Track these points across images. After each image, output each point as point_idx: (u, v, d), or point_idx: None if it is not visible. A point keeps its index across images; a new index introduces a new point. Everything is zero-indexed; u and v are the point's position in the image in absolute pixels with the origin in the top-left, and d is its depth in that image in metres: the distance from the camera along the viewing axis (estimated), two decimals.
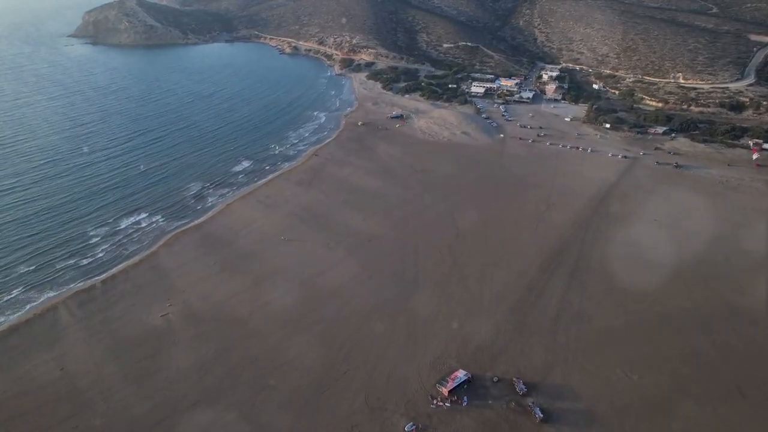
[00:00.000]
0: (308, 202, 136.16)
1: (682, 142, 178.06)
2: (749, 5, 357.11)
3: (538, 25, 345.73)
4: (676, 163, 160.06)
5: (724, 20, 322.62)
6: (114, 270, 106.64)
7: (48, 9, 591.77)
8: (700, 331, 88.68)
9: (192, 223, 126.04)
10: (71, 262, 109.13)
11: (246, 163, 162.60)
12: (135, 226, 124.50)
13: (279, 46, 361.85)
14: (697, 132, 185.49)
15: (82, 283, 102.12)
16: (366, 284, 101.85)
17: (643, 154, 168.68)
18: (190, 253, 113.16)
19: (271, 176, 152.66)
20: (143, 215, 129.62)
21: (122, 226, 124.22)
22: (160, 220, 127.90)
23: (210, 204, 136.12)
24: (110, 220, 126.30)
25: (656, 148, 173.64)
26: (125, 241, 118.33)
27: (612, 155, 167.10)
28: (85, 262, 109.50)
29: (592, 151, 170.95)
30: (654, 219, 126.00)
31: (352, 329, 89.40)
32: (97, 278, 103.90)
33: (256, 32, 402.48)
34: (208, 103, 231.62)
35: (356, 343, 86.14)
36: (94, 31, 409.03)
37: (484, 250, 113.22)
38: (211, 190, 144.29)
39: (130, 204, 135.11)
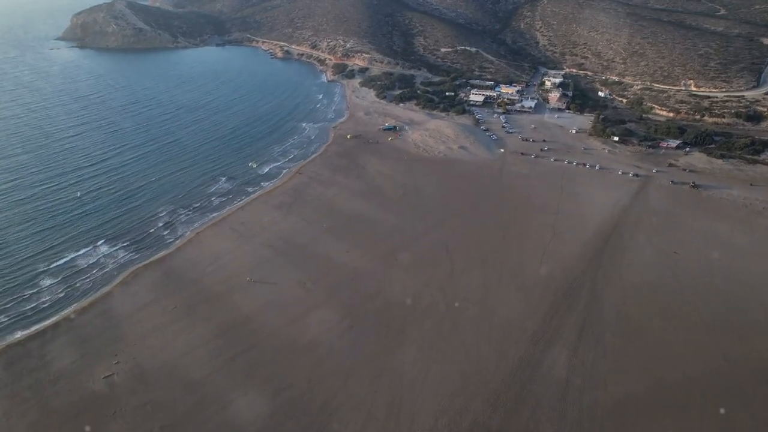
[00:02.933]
0: (287, 229, 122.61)
1: (697, 158, 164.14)
2: (758, 7, 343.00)
3: (540, 28, 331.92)
4: (693, 182, 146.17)
5: (734, 23, 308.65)
6: (58, 316, 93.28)
7: (41, 11, 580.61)
8: (738, 401, 74.93)
9: (156, 256, 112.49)
10: (12, 307, 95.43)
11: (224, 184, 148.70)
12: (93, 261, 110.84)
13: (271, 50, 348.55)
14: (713, 146, 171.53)
15: (19, 335, 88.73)
16: (345, 336, 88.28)
17: (656, 171, 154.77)
18: (148, 295, 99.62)
19: (248, 198, 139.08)
20: (105, 247, 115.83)
21: (79, 261, 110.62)
22: (122, 252, 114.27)
23: (179, 233, 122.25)
24: (68, 255, 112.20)
25: (670, 165, 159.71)
26: (79, 279, 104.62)
27: (622, 173, 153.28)
28: (28, 307, 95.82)
29: (600, 168, 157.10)
30: (674, 251, 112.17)
31: (325, 397, 75.83)
32: (37, 327, 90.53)
33: (248, 35, 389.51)
34: (194, 116, 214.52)
35: (329, 417, 72.61)
36: (82, 33, 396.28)
37: (482, 291, 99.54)
38: (183, 216, 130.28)
39: (94, 234, 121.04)
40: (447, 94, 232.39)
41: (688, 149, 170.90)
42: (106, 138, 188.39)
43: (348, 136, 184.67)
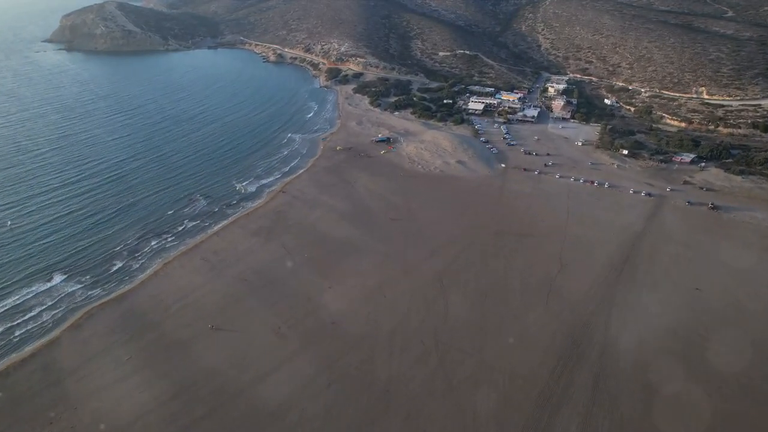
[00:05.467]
0: (264, 260, 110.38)
1: (714, 174, 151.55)
2: (767, 8, 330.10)
3: (542, 30, 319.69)
4: (712, 203, 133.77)
5: (744, 25, 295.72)
6: None
7: (33, 13, 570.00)
8: None
9: (115, 293, 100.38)
10: None
11: (204, 207, 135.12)
12: (46, 301, 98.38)
13: (264, 54, 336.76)
14: (730, 160, 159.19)
15: None
16: (321, 397, 76.16)
17: (671, 190, 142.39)
18: (100, 342, 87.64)
19: (225, 222, 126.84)
20: (62, 284, 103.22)
21: (30, 302, 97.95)
22: (79, 289, 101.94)
23: (145, 265, 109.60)
24: (19, 295, 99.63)
25: (685, 182, 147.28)
26: (26, 323, 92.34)
27: (634, 191, 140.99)
28: None
29: (609, 186, 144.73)
30: (695, 288, 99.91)
31: None
32: None
33: (241, 38, 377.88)
34: (181, 129, 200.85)
35: None
36: (71, 35, 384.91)
37: (480, 339, 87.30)
38: (153, 244, 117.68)
39: (55, 269, 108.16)
40: (445, 101, 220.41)
41: (703, 164, 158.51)
42: (85, 154, 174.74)
43: (338, 149, 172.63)
